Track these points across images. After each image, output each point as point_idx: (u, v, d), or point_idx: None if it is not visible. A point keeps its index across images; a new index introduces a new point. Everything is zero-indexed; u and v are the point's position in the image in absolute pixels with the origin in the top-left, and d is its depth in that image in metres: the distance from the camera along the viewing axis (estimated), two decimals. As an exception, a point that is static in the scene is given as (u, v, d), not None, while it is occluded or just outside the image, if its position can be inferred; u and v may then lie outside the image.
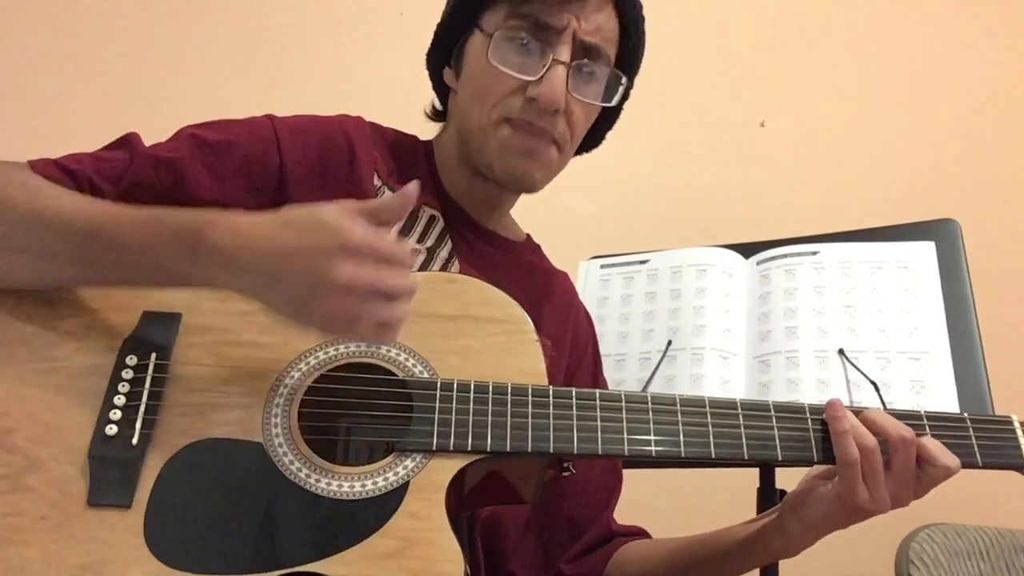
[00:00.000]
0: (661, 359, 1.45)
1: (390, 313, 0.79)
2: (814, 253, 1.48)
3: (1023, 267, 2.12)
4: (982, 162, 2.22)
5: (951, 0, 2.36)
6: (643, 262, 1.60)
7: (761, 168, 2.28)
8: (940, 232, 1.44)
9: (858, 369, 1.32)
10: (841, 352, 1.36)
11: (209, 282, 0.84)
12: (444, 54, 1.12)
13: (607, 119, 1.19)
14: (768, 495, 1.41)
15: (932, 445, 0.90)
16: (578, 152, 1.18)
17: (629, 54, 1.11)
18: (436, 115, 1.19)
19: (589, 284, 1.62)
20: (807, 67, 2.33)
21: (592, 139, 1.19)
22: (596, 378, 1.27)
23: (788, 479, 1.42)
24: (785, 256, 1.50)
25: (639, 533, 1.22)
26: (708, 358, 1.43)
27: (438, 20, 1.14)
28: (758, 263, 1.51)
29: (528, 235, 1.26)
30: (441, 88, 1.17)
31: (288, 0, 2.31)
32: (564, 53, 1.03)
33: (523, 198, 1.19)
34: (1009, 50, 2.31)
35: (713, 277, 1.52)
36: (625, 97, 1.14)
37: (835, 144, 2.27)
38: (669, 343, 1.46)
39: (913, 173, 2.22)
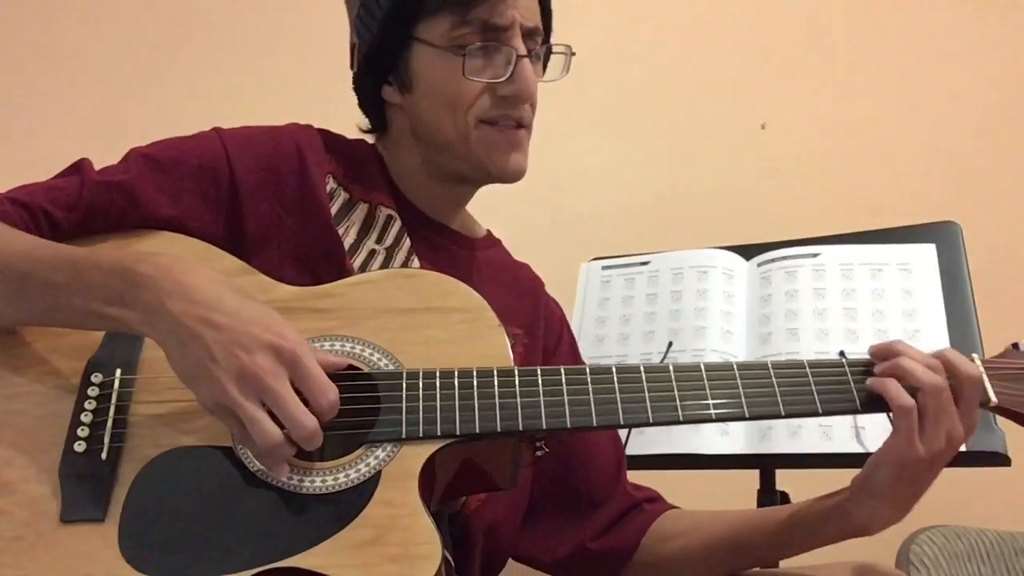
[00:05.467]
0: (662, 360, 1.45)
1: (269, 435, 0.80)
2: (815, 255, 1.48)
3: (1023, 269, 2.12)
4: (983, 164, 2.22)
5: (951, 1, 2.36)
6: (644, 263, 1.60)
7: (762, 170, 2.28)
8: (941, 234, 1.44)
9: (859, 371, 1.32)
10: (842, 354, 1.35)
11: (132, 321, 0.84)
12: (381, 73, 1.12)
13: None
14: (768, 495, 1.41)
15: (911, 363, 0.90)
16: None
17: (546, 16, 1.14)
18: (374, 129, 1.19)
19: (590, 285, 1.62)
20: (807, 69, 2.33)
21: None
22: (576, 360, 1.27)
23: (788, 480, 1.43)
24: (786, 258, 1.50)
25: (658, 497, 1.22)
26: (709, 359, 1.43)
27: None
28: (759, 265, 1.51)
29: (488, 231, 1.26)
30: (377, 104, 1.16)
31: (285, 3, 2.31)
32: (520, 47, 1.06)
33: (523, 200, 1.19)
34: (1010, 51, 2.30)
35: (714, 279, 1.52)
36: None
37: (835, 146, 2.27)
38: (670, 344, 1.47)
39: (914, 175, 2.22)
